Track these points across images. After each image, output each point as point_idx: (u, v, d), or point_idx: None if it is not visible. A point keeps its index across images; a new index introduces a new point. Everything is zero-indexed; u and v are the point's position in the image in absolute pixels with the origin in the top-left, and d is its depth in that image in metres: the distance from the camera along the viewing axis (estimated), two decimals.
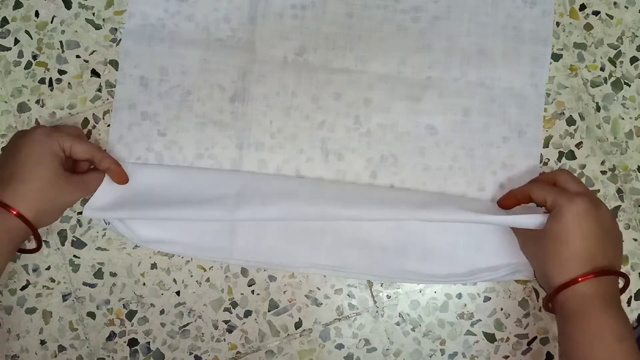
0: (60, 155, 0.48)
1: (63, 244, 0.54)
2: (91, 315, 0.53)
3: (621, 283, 0.45)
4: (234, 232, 0.52)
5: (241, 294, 0.54)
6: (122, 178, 0.52)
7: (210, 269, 0.54)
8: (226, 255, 0.53)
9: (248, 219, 0.50)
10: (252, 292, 0.54)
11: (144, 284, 0.54)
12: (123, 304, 0.54)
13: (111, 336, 0.53)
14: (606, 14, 0.55)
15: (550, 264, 0.45)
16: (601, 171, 0.54)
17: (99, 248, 0.54)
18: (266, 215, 0.49)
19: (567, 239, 0.44)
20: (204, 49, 0.54)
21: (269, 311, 0.53)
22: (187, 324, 0.53)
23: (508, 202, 0.50)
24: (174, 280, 0.54)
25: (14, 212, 0.45)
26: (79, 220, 0.54)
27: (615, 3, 0.55)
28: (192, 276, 0.54)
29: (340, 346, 0.53)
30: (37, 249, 0.50)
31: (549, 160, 0.54)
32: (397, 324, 0.53)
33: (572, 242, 0.43)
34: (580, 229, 0.43)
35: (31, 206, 0.46)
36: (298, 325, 0.53)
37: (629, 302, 0.53)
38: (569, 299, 0.43)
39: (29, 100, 0.55)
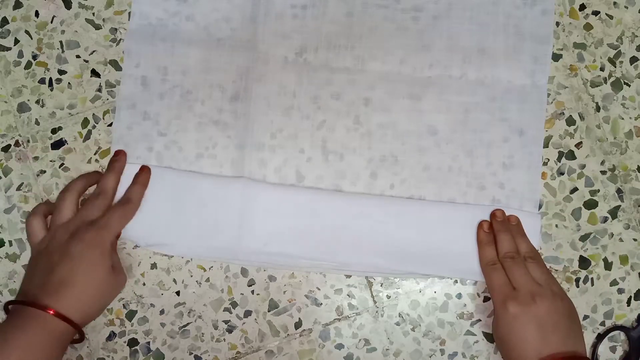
0: (111, 253, 0.48)
1: None
2: None
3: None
4: (241, 237, 0.52)
5: (241, 294, 0.53)
6: (147, 178, 0.53)
7: (210, 269, 0.54)
8: (231, 257, 0.53)
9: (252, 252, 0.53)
10: (252, 292, 0.53)
11: (144, 284, 0.54)
12: (123, 304, 0.53)
13: (111, 336, 0.53)
14: (606, 14, 0.55)
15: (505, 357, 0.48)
16: (601, 171, 0.54)
17: None
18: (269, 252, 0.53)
19: (507, 342, 0.47)
20: (205, 48, 0.54)
21: (269, 311, 0.53)
22: (187, 324, 0.53)
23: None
24: (174, 280, 0.54)
25: (69, 322, 0.45)
26: None
27: (615, 3, 0.55)
28: (192, 276, 0.54)
29: (340, 346, 0.53)
30: (81, 340, 0.48)
31: (548, 160, 0.54)
32: (397, 324, 0.53)
33: (511, 344, 0.46)
34: (514, 335, 0.46)
35: (81, 312, 0.46)
36: (298, 325, 0.53)
37: (628, 302, 0.53)
38: None
39: (29, 100, 0.55)
